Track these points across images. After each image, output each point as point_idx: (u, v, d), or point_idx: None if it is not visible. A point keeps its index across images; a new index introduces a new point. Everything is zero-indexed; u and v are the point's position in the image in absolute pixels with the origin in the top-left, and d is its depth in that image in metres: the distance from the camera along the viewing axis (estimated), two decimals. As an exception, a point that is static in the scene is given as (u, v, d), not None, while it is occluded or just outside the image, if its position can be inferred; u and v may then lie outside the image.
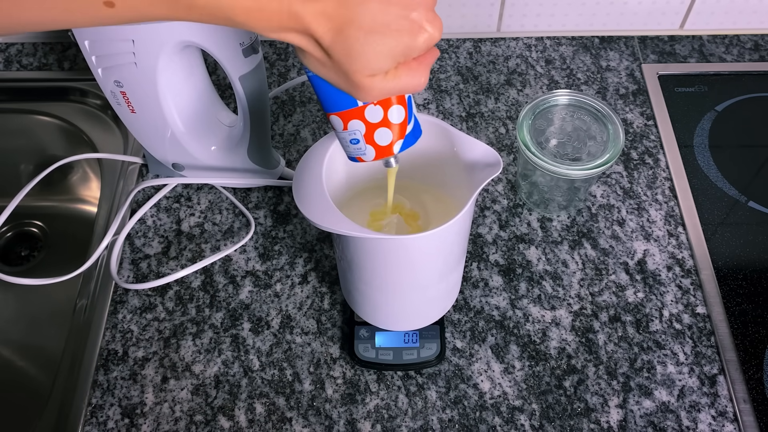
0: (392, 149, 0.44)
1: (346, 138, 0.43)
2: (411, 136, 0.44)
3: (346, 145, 0.44)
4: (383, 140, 0.43)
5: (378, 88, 0.37)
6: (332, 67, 0.37)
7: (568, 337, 0.60)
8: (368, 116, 0.42)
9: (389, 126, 0.42)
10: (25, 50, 0.83)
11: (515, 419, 0.56)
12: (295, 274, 0.64)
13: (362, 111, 0.41)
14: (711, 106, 0.76)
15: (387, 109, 0.41)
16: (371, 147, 0.43)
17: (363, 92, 0.37)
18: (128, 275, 0.65)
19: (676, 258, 0.65)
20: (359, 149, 0.44)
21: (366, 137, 0.43)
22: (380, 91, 0.38)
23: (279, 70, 0.80)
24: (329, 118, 0.43)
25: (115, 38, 0.55)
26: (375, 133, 0.42)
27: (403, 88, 0.38)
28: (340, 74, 0.37)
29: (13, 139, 0.82)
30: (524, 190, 0.68)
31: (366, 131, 0.42)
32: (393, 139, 0.43)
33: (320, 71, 0.38)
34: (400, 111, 0.42)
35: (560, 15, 0.80)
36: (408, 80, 0.38)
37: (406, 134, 0.43)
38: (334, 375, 0.59)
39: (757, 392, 0.57)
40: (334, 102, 0.41)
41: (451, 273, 0.53)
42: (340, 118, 0.42)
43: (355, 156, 0.45)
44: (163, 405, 0.58)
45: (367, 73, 0.36)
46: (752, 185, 0.70)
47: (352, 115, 0.41)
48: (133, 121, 0.63)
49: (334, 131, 0.44)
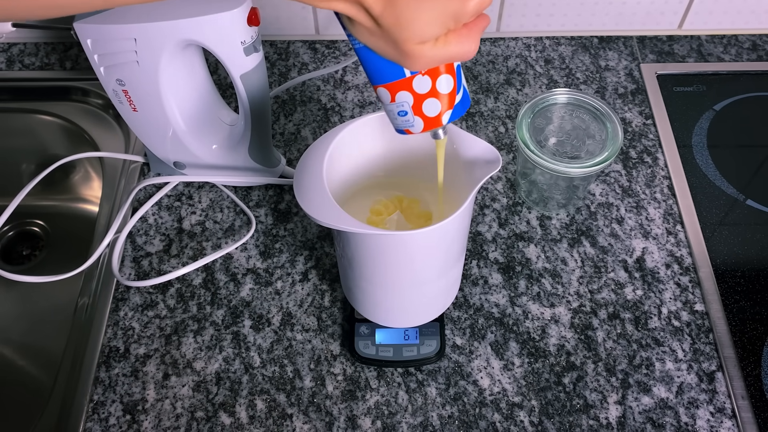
0: (441, 120, 0.43)
1: (394, 110, 0.42)
2: (460, 106, 0.43)
3: (394, 117, 0.43)
4: (432, 111, 0.42)
5: (428, 56, 0.37)
6: (381, 36, 0.36)
7: (567, 334, 0.61)
8: (416, 87, 0.41)
9: (438, 96, 0.41)
10: (28, 50, 0.83)
11: (515, 415, 0.57)
12: (296, 271, 0.65)
13: (410, 82, 0.40)
14: (709, 105, 0.77)
15: (435, 79, 0.41)
16: (419, 118, 0.42)
17: (413, 60, 0.37)
18: (130, 273, 0.65)
19: (675, 256, 0.65)
20: (407, 121, 0.43)
21: (414, 108, 0.42)
22: (430, 59, 0.37)
23: (280, 70, 0.80)
24: (376, 91, 0.42)
25: (118, 37, 0.55)
26: (423, 104, 0.42)
27: (452, 56, 0.38)
28: (389, 43, 0.36)
29: (15, 138, 0.82)
30: (523, 188, 0.69)
31: (414, 102, 0.41)
32: (442, 110, 0.42)
33: (369, 40, 0.37)
34: (449, 80, 0.41)
35: (559, 15, 0.81)
36: (458, 48, 0.37)
37: (455, 104, 0.42)
38: (335, 372, 0.59)
39: (755, 389, 0.57)
40: (381, 73, 0.40)
41: (451, 270, 0.54)
42: (388, 90, 0.41)
43: (403, 128, 0.44)
44: (165, 401, 0.58)
45: (417, 41, 0.36)
46: (750, 184, 0.71)
47: (399, 86, 0.41)
48: (134, 120, 0.63)
49: (381, 104, 0.43)
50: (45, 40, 0.84)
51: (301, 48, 0.83)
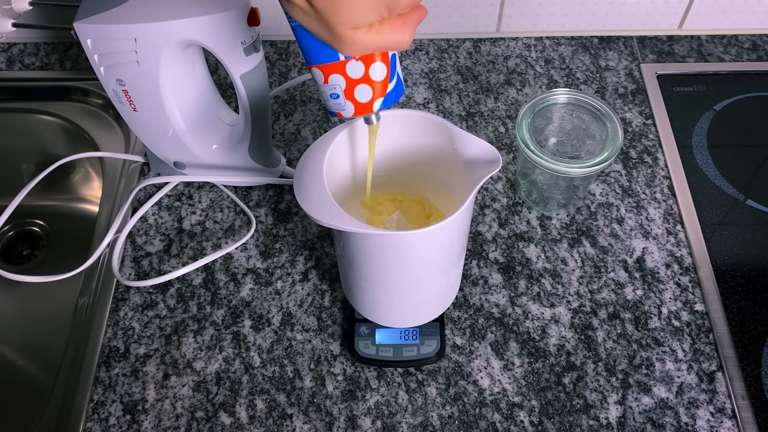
0: (371, 107, 0.43)
1: (327, 92, 0.43)
2: (392, 95, 0.43)
3: (327, 99, 0.43)
4: (363, 97, 0.42)
5: (360, 42, 0.37)
6: (315, 18, 0.36)
7: (568, 334, 0.61)
8: (349, 71, 0.41)
9: (370, 83, 0.41)
10: (28, 50, 0.83)
11: (515, 416, 0.57)
12: (296, 271, 0.65)
13: (343, 66, 0.41)
14: (709, 105, 0.77)
15: (369, 66, 0.41)
16: (351, 103, 0.42)
17: (345, 45, 0.37)
18: (130, 273, 0.65)
19: (675, 256, 0.65)
20: (339, 104, 0.43)
21: (346, 93, 0.42)
22: (362, 46, 0.37)
23: (280, 70, 0.80)
24: (311, 70, 0.42)
25: (118, 37, 0.55)
26: (355, 89, 0.42)
27: (385, 45, 0.38)
28: (323, 25, 0.36)
29: (15, 138, 0.82)
30: (524, 188, 0.69)
31: (346, 86, 0.42)
32: (373, 97, 0.42)
33: (303, 21, 0.37)
34: (382, 68, 0.41)
35: (559, 15, 0.81)
36: (391, 37, 0.37)
37: (387, 93, 0.43)
38: (335, 372, 0.59)
39: (755, 389, 0.58)
40: (316, 54, 0.40)
41: (451, 270, 0.54)
42: (321, 71, 0.41)
43: (335, 111, 0.44)
44: (165, 401, 0.58)
45: (349, 26, 0.36)
46: (750, 184, 0.71)
47: (333, 69, 0.41)
48: (135, 120, 0.63)
49: (316, 84, 0.43)
50: (45, 40, 0.84)
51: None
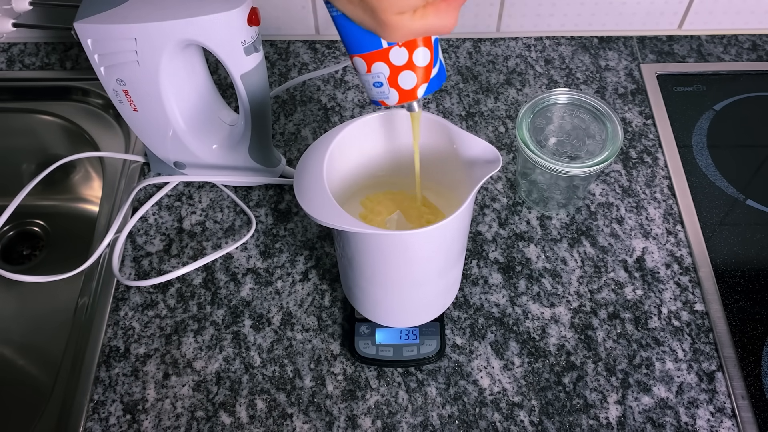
0: (416, 93, 0.42)
1: (370, 81, 0.42)
2: (436, 80, 0.43)
3: (369, 88, 0.43)
4: (407, 84, 0.42)
5: (405, 27, 0.36)
6: (359, 4, 0.36)
7: (567, 334, 0.61)
8: (393, 58, 0.40)
9: (414, 69, 0.41)
10: (28, 50, 0.83)
11: (515, 415, 0.57)
12: (296, 271, 0.65)
13: (387, 53, 0.40)
14: (709, 105, 0.77)
15: (412, 52, 0.40)
16: (395, 90, 0.42)
17: (390, 31, 0.37)
18: (130, 273, 0.65)
19: (675, 256, 0.65)
20: (382, 92, 0.42)
21: (390, 80, 0.41)
22: (408, 31, 0.37)
23: (280, 70, 0.80)
24: (352, 60, 0.42)
25: (118, 37, 0.55)
26: (399, 76, 0.41)
27: (430, 29, 0.37)
28: (367, 11, 0.36)
29: (16, 138, 0.82)
30: (524, 188, 0.69)
31: (390, 74, 0.41)
32: (417, 83, 0.42)
33: (347, 8, 0.37)
34: (426, 54, 0.41)
35: (559, 15, 0.81)
36: (435, 20, 0.37)
37: (431, 78, 0.42)
38: (335, 371, 0.59)
39: (755, 388, 0.58)
40: (358, 43, 0.40)
41: (451, 269, 0.54)
42: (364, 60, 0.41)
43: (378, 99, 0.43)
44: (165, 401, 0.58)
45: (395, 11, 0.36)
46: (750, 184, 0.71)
47: (376, 57, 0.40)
48: (135, 120, 0.63)
49: (357, 74, 0.42)
50: (45, 40, 0.84)
51: (301, 48, 0.83)
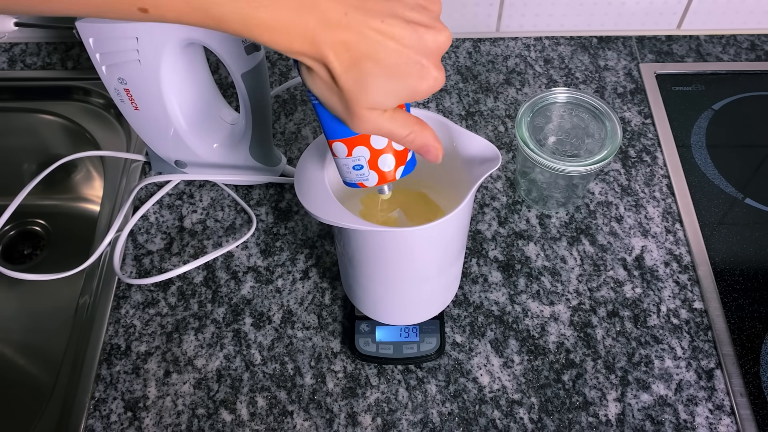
0: (395, 175, 0.44)
1: (350, 164, 0.44)
2: (410, 163, 0.45)
3: (348, 171, 0.45)
4: (386, 166, 0.44)
5: (373, 122, 0.38)
6: (336, 94, 0.37)
7: (567, 332, 0.61)
8: (373, 142, 0.42)
9: (392, 152, 0.43)
10: (29, 50, 0.84)
11: (514, 413, 0.57)
12: (297, 269, 0.65)
13: (368, 137, 0.42)
14: (708, 104, 0.77)
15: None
16: (374, 172, 0.44)
17: (359, 122, 0.38)
18: (131, 271, 0.65)
19: (674, 254, 0.66)
20: (362, 174, 0.44)
21: (370, 163, 0.43)
22: (374, 126, 0.39)
23: (280, 69, 0.81)
24: (331, 145, 0.43)
25: (119, 36, 0.55)
26: (379, 159, 0.43)
27: (392, 133, 0.40)
28: (341, 102, 0.38)
29: (17, 137, 0.83)
30: (523, 187, 0.69)
31: (371, 157, 0.43)
32: (395, 165, 0.44)
33: (323, 94, 0.38)
34: None
35: (559, 15, 0.81)
36: (400, 129, 0.39)
37: (408, 160, 0.45)
38: (335, 369, 0.59)
39: (754, 386, 0.58)
40: (340, 128, 0.42)
41: (451, 267, 0.54)
42: (345, 144, 0.43)
43: (356, 182, 0.45)
44: (166, 399, 0.58)
45: (368, 106, 0.37)
46: (749, 183, 0.71)
47: (357, 141, 0.42)
48: (136, 119, 0.64)
49: (335, 158, 0.44)
50: (47, 39, 0.84)
51: (301, 48, 0.83)
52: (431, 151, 0.41)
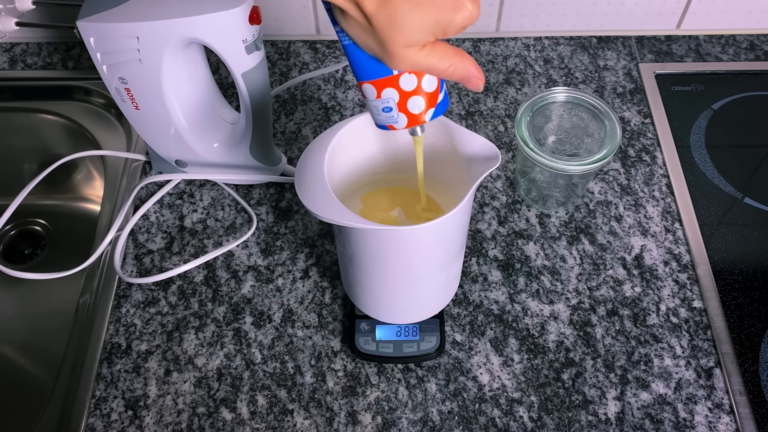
0: (424, 117, 0.44)
1: (379, 106, 0.44)
2: (441, 106, 0.45)
3: (378, 113, 0.44)
4: (416, 108, 0.43)
5: (411, 59, 0.38)
6: (371, 34, 0.37)
7: (566, 331, 0.61)
8: (402, 84, 0.42)
9: (422, 94, 0.43)
10: (30, 50, 0.84)
11: (514, 411, 0.57)
12: (297, 269, 0.65)
13: (397, 79, 0.42)
14: (707, 104, 0.77)
15: (421, 78, 0.42)
16: (404, 115, 0.43)
17: (397, 62, 0.38)
18: (131, 270, 0.65)
19: (673, 253, 0.66)
20: (391, 117, 0.44)
21: (399, 105, 0.43)
22: (412, 63, 0.38)
23: (281, 69, 0.81)
24: (361, 87, 0.43)
25: (120, 35, 0.56)
26: (408, 101, 0.43)
27: (432, 68, 0.39)
28: (377, 42, 0.37)
29: (18, 137, 0.83)
30: (523, 186, 0.69)
31: (399, 99, 0.43)
32: (425, 107, 0.43)
33: (358, 36, 0.38)
34: (433, 80, 0.43)
35: (558, 15, 0.81)
36: (439, 62, 0.39)
37: (437, 103, 0.44)
38: (335, 368, 0.59)
39: (753, 384, 0.58)
40: (368, 70, 0.41)
41: (451, 265, 0.54)
42: (374, 86, 0.42)
43: (386, 124, 0.45)
44: (166, 397, 0.58)
45: (404, 44, 0.37)
46: (748, 182, 0.71)
47: (386, 83, 0.42)
48: (137, 118, 0.64)
49: (366, 100, 0.44)
50: (47, 39, 0.85)
51: (301, 48, 0.83)
52: (473, 80, 0.41)
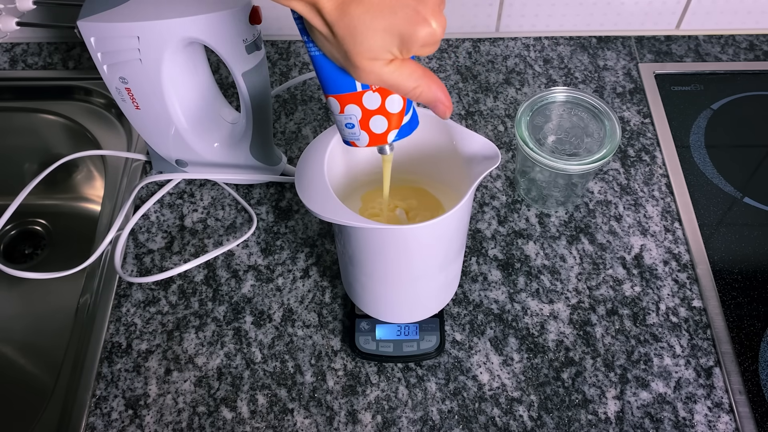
0: (386, 138, 0.44)
1: (342, 121, 0.43)
2: (407, 127, 0.44)
3: (342, 128, 0.44)
4: (378, 128, 0.43)
5: (376, 73, 0.38)
6: (335, 44, 0.37)
7: (566, 330, 0.61)
8: (366, 102, 0.42)
9: (386, 114, 0.42)
10: (31, 50, 0.84)
11: (514, 410, 0.57)
12: (297, 268, 0.65)
13: (360, 96, 0.41)
14: (707, 104, 0.78)
15: (385, 98, 0.42)
16: (365, 133, 0.43)
17: (361, 73, 0.38)
18: (132, 270, 0.66)
19: (673, 253, 0.66)
20: (354, 134, 0.44)
21: (361, 123, 0.43)
22: (378, 78, 0.38)
23: (281, 69, 0.81)
24: (327, 100, 0.43)
25: (121, 35, 0.56)
26: (371, 120, 0.42)
27: (398, 85, 0.39)
28: (341, 52, 0.37)
29: (18, 137, 0.83)
30: (523, 186, 0.69)
31: (362, 117, 0.42)
32: (388, 128, 0.43)
33: (324, 46, 0.38)
34: (399, 101, 0.42)
35: (558, 15, 0.81)
36: (406, 81, 0.38)
37: (402, 125, 0.44)
38: (335, 367, 0.59)
39: (753, 384, 0.58)
40: (333, 84, 0.41)
41: (451, 265, 0.54)
42: (338, 101, 0.42)
43: (349, 140, 0.45)
44: (167, 396, 0.58)
45: (367, 57, 0.37)
46: (748, 182, 0.71)
47: (349, 99, 0.42)
48: (137, 118, 0.64)
49: (331, 113, 0.44)
50: (48, 39, 0.85)
51: (302, 48, 0.83)
52: (439, 107, 0.40)
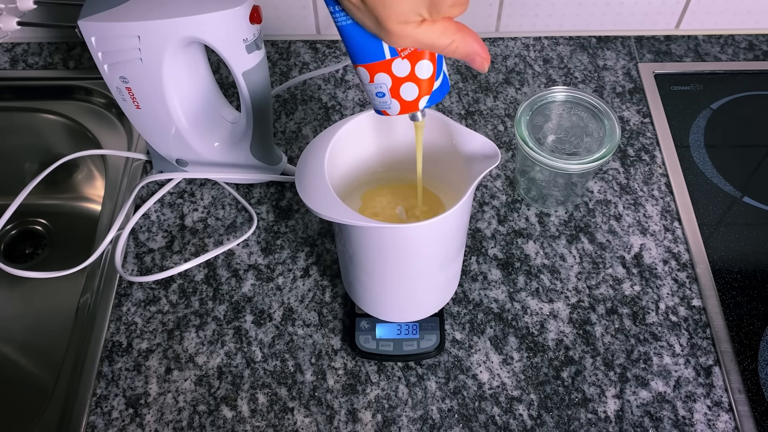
0: (417, 105, 0.43)
1: (372, 91, 0.43)
2: (438, 93, 0.44)
3: (372, 97, 0.44)
4: (409, 95, 0.42)
5: (410, 35, 0.37)
6: (365, 11, 0.37)
7: (566, 329, 0.61)
8: (395, 70, 0.41)
9: (416, 81, 0.42)
10: (31, 50, 0.84)
11: (514, 409, 0.57)
12: (297, 267, 0.65)
13: (389, 64, 0.41)
14: (706, 104, 0.78)
15: (415, 64, 0.41)
16: (396, 101, 0.43)
17: (395, 38, 0.37)
18: (132, 269, 0.66)
19: (672, 252, 0.66)
20: (384, 102, 0.43)
21: (392, 91, 0.42)
22: (412, 40, 0.38)
23: (281, 69, 0.81)
24: (356, 70, 0.42)
25: (121, 34, 0.56)
26: (401, 88, 0.42)
27: (432, 44, 0.38)
28: (373, 20, 0.37)
29: (19, 137, 0.83)
30: (522, 185, 0.69)
31: (392, 85, 0.42)
32: (419, 95, 0.42)
33: (354, 14, 0.38)
34: (429, 66, 0.42)
35: (558, 15, 0.81)
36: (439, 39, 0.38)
37: (433, 90, 0.43)
38: (336, 366, 0.60)
39: (752, 383, 0.58)
40: (362, 53, 0.41)
41: (451, 264, 0.54)
42: (367, 70, 0.41)
43: (381, 109, 0.44)
44: (167, 395, 0.58)
45: (399, 20, 0.36)
46: (747, 181, 0.71)
47: (379, 68, 0.41)
48: (137, 117, 0.64)
49: (361, 83, 0.44)
50: (48, 39, 0.85)
51: (302, 47, 0.83)
52: (476, 59, 0.40)
